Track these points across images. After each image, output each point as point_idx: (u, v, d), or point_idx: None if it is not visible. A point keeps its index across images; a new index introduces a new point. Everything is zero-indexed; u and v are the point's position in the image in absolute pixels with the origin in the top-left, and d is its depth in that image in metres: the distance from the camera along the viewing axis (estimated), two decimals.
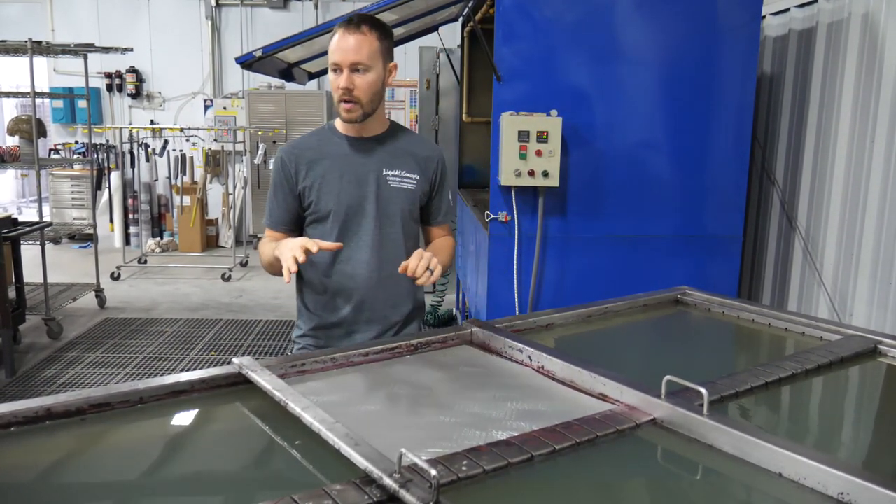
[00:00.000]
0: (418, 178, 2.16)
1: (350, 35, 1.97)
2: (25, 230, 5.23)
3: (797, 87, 3.89)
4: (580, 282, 3.56)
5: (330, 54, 2.00)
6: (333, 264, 2.12)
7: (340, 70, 1.99)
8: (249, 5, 9.39)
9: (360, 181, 2.10)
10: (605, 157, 3.48)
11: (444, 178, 2.24)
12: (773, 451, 1.20)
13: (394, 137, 2.18)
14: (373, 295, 2.14)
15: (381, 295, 2.15)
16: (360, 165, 2.11)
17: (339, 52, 1.98)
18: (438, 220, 2.28)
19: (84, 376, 4.75)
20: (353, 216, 2.10)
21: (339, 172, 2.09)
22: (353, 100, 2.00)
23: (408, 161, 2.16)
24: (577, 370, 1.58)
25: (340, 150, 2.12)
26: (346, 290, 2.14)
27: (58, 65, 9.31)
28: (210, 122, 9.18)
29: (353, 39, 1.97)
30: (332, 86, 2.02)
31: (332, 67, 2.00)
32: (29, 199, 12.78)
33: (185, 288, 7.26)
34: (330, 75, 2.04)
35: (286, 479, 1.27)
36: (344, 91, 1.99)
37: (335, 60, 1.99)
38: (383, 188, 2.11)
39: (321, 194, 2.09)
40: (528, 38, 3.41)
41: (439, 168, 2.23)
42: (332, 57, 1.99)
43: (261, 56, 4.17)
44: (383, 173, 2.12)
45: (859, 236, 3.38)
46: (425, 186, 2.19)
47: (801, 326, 2.04)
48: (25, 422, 1.34)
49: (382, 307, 2.17)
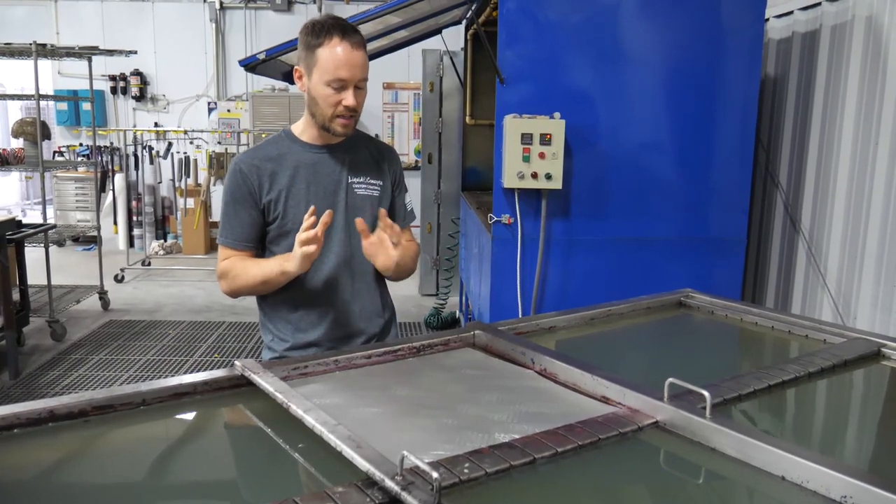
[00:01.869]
0: (381, 183, 2.08)
1: (355, 49, 1.86)
2: (29, 232, 5.24)
3: (801, 89, 3.89)
4: (583, 284, 3.56)
5: (333, 68, 1.85)
6: (303, 280, 1.97)
7: (344, 87, 1.87)
8: (253, 8, 9.41)
9: (327, 191, 1.99)
10: (609, 160, 3.48)
11: (401, 179, 2.16)
12: (777, 454, 1.20)
13: (354, 143, 2.07)
14: (346, 309, 2.04)
15: (354, 308, 2.06)
16: (326, 175, 2.00)
17: (347, 68, 1.85)
18: (400, 225, 2.05)
19: (87, 378, 4.76)
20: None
21: (306, 183, 1.97)
22: (353, 115, 1.92)
23: (370, 166, 2.07)
24: (579, 373, 1.57)
25: (303, 159, 1.99)
26: (318, 306, 2.02)
27: (62, 67, 9.34)
28: (214, 124, 9.19)
29: (359, 55, 1.87)
30: (329, 100, 1.88)
31: (333, 83, 1.86)
32: (33, 202, 12.81)
33: (189, 290, 7.27)
34: (324, 89, 1.88)
35: (288, 482, 1.27)
36: (348, 109, 1.89)
37: (342, 76, 1.85)
38: (351, 197, 2.01)
39: (287, 207, 1.96)
40: (531, 41, 3.41)
41: (397, 169, 2.15)
42: (336, 72, 1.85)
43: (264, 59, 4.18)
44: (349, 181, 2.01)
45: (863, 239, 3.37)
46: (388, 190, 2.10)
47: (804, 329, 2.03)
48: (28, 423, 1.34)
49: (357, 320, 2.07)
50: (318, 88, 1.90)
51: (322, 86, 1.88)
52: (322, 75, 1.87)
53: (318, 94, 1.90)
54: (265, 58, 4.18)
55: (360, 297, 2.07)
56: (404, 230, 2.11)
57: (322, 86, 1.88)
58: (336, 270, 2.02)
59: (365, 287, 2.07)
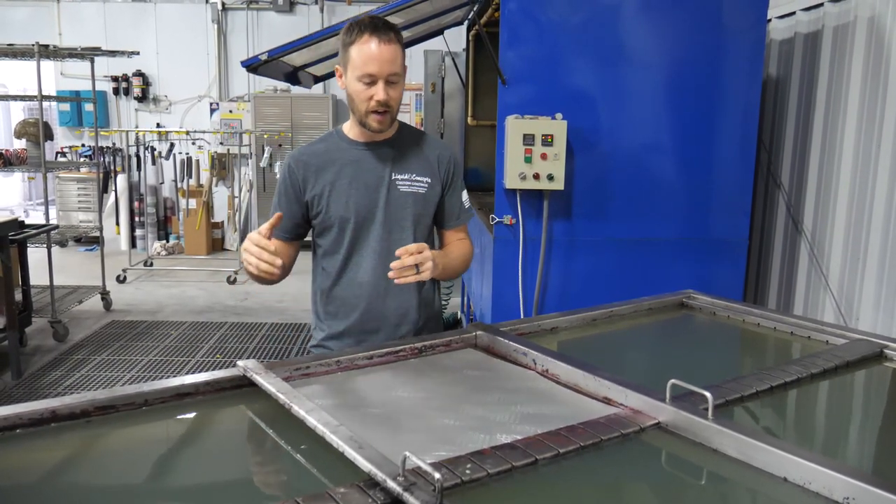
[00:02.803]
0: (429, 180, 2.09)
1: (385, 45, 1.89)
2: (32, 233, 5.25)
3: (803, 90, 3.88)
4: (585, 285, 3.55)
5: (362, 63, 1.89)
6: (343, 272, 2.07)
7: (375, 81, 1.91)
8: (255, 9, 9.42)
9: (369, 187, 2.03)
10: (611, 161, 3.48)
11: (456, 177, 2.16)
12: (779, 456, 1.20)
13: (403, 140, 2.10)
14: (380, 304, 2.07)
15: (390, 304, 2.08)
16: (369, 171, 2.04)
17: (376, 63, 1.89)
18: (452, 223, 2.17)
19: (89, 379, 4.76)
20: (363, 223, 2.04)
21: (348, 179, 2.03)
22: (388, 110, 1.95)
23: (418, 164, 2.08)
24: (581, 374, 1.57)
25: (349, 156, 2.05)
26: (353, 298, 2.08)
27: (65, 68, 9.36)
28: (216, 125, 9.21)
29: (389, 50, 1.89)
30: (361, 96, 1.93)
31: (364, 78, 1.91)
32: (35, 202, 12.84)
33: (191, 291, 7.28)
34: (357, 85, 1.93)
35: (290, 482, 1.27)
36: (379, 104, 1.92)
37: (371, 71, 1.89)
38: (393, 193, 2.04)
39: (330, 202, 2.03)
40: (533, 42, 3.41)
41: (451, 167, 2.15)
42: (365, 67, 1.89)
43: (266, 59, 4.18)
44: (392, 178, 2.04)
45: (865, 240, 3.37)
46: (437, 188, 2.11)
47: (806, 330, 2.03)
48: (31, 424, 1.34)
49: (391, 316, 2.09)
50: (352, 85, 1.96)
51: (355, 81, 1.94)
52: (354, 71, 1.93)
53: (352, 91, 1.97)
54: (267, 59, 4.18)
55: (395, 294, 2.08)
56: (458, 228, 2.19)
57: (355, 81, 1.94)
58: (372, 265, 2.05)
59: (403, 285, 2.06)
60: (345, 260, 2.06)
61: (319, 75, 5.49)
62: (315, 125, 8.96)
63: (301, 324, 6.08)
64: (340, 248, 2.06)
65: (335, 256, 2.07)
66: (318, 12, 9.31)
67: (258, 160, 8.91)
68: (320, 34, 4.13)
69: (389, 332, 2.11)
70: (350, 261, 2.06)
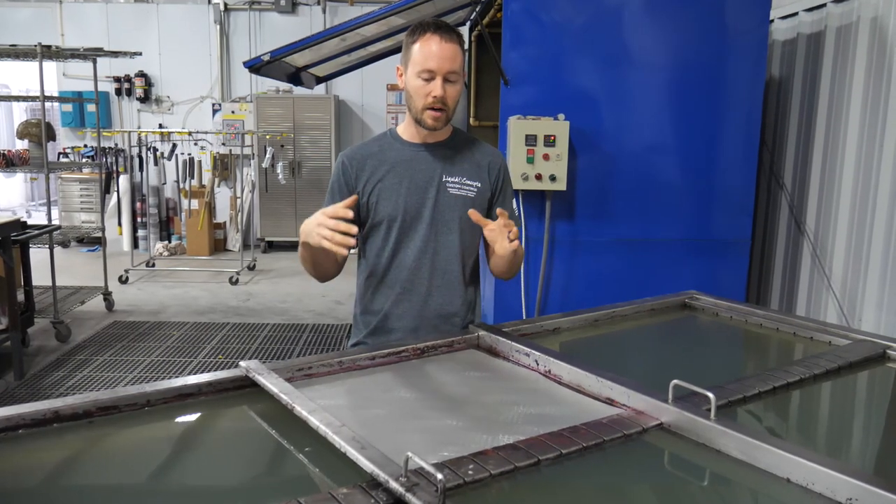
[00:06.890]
0: (479, 185, 2.10)
1: (446, 43, 1.92)
2: (34, 233, 5.25)
3: (806, 90, 3.88)
4: (587, 286, 3.55)
5: (422, 59, 1.93)
6: (387, 270, 2.07)
7: (433, 77, 1.94)
8: (258, 10, 9.43)
9: (419, 188, 2.04)
10: (613, 161, 3.48)
11: (506, 185, 2.18)
12: (781, 456, 1.20)
13: (456, 144, 2.12)
14: (422, 304, 2.07)
15: (432, 303, 2.08)
16: (420, 172, 2.05)
17: (436, 59, 1.92)
18: None
19: (92, 379, 4.76)
20: (410, 222, 2.04)
21: (399, 179, 2.04)
22: (444, 108, 1.98)
23: (469, 168, 2.09)
24: (583, 374, 1.57)
25: (401, 157, 2.06)
26: (394, 297, 2.07)
27: (67, 69, 9.37)
28: (218, 125, 9.21)
29: (450, 48, 1.92)
30: (420, 92, 1.96)
31: (423, 74, 1.94)
32: (38, 203, 12.86)
33: (193, 291, 7.28)
34: (416, 81, 1.96)
35: (292, 483, 1.27)
36: (436, 99, 1.95)
37: (430, 67, 1.93)
38: (442, 195, 2.05)
39: (380, 200, 2.04)
40: (535, 43, 3.41)
41: (502, 175, 2.16)
42: (425, 63, 1.93)
43: (269, 60, 4.19)
44: (443, 180, 2.05)
45: (868, 240, 3.36)
46: (487, 194, 2.12)
47: (809, 331, 2.03)
48: (33, 424, 1.34)
49: (432, 316, 2.08)
50: (411, 81, 1.98)
51: (414, 77, 1.96)
52: (414, 67, 1.96)
53: (410, 87, 1.99)
54: (269, 59, 4.19)
55: (437, 294, 2.08)
56: None
57: (414, 77, 1.96)
58: (416, 264, 2.06)
59: (445, 284, 2.08)
60: (390, 258, 2.06)
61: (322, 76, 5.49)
62: (317, 126, 8.96)
63: (303, 324, 6.08)
64: (386, 247, 2.06)
65: (381, 255, 2.07)
66: (320, 13, 9.32)
67: (260, 161, 8.91)
68: (322, 35, 4.14)
69: (430, 333, 2.08)
70: (395, 259, 2.06)
